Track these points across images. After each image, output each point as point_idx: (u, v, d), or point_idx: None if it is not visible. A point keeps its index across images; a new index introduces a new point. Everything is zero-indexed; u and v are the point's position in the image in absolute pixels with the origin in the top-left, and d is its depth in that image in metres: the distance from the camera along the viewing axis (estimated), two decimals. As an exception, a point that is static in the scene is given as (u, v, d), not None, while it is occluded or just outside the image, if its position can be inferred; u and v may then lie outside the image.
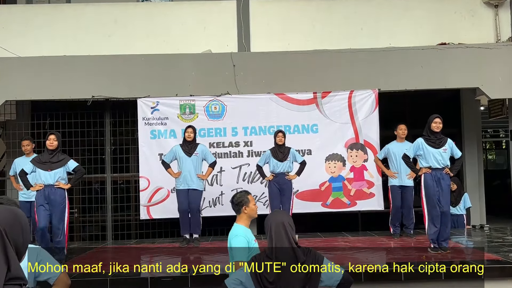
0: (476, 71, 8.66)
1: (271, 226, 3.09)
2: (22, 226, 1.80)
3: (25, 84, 8.51)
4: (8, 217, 1.76)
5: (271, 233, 3.06)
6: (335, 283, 3.07)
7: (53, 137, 6.65)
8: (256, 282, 3.02)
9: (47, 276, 2.91)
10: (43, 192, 6.55)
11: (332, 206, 8.74)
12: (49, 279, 2.90)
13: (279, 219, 3.11)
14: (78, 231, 9.61)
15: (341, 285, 3.08)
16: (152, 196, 8.64)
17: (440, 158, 6.46)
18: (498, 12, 9.20)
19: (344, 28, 9.25)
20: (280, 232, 3.04)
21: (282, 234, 3.04)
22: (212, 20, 9.27)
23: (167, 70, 8.67)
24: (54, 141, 6.63)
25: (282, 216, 3.17)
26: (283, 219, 3.11)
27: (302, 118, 8.75)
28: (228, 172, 8.74)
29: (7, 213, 1.77)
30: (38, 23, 9.15)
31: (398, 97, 9.36)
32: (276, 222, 3.09)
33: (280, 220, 3.10)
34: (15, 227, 1.76)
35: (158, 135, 8.68)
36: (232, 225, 4.21)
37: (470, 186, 10.00)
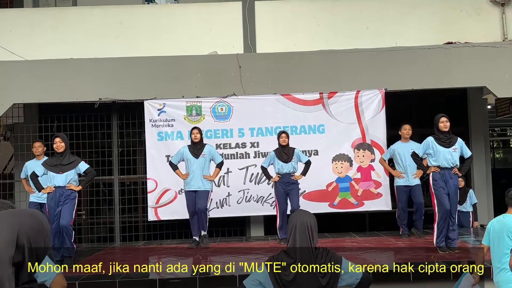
0: (483, 70, 8.62)
1: (296, 225, 3.08)
2: (45, 231, 1.78)
3: (33, 87, 8.56)
4: (33, 223, 1.75)
5: (295, 232, 3.06)
6: (356, 282, 3.08)
7: (59, 140, 6.67)
8: (275, 282, 3.03)
9: (45, 277, 2.86)
10: (55, 194, 6.58)
11: (339, 206, 8.74)
12: (46, 281, 2.88)
13: (305, 218, 3.11)
14: (86, 233, 9.66)
15: (361, 284, 3.09)
16: (159, 197, 8.67)
17: (450, 157, 6.45)
18: (505, 10, 9.16)
19: (350, 28, 9.24)
20: (304, 232, 3.04)
21: (306, 234, 3.03)
22: (217, 22, 9.29)
23: (173, 71, 8.69)
24: (60, 143, 6.64)
25: (307, 216, 3.16)
26: (308, 219, 3.10)
27: (308, 119, 8.75)
28: (235, 173, 8.75)
29: (30, 219, 1.75)
30: (44, 26, 9.20)
31: (405, 97, 9.34)
32: (301, 221, 3.09)
33: (305, 219, 3.10)
34: (39, 233, 1.75)
35: (165, 137, 8.71)
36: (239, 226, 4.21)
37: (477, 185, 9.97)
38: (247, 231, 9.33)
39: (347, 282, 3.09)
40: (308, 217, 3.13)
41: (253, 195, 8.71)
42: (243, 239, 8.59)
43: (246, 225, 9.34)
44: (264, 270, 3.09)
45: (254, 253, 7.09)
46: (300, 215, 3.19)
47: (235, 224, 9.31)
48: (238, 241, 8.31)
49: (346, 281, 3.08)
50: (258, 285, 3.09)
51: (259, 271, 3.12)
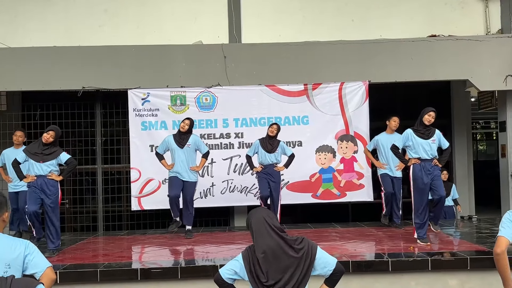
0: (465, 63, 8.71)
1: (251, 223, 3.16)
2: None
3: (16, 74, 8.48)
4: None
5: (253, 230, 3.13)
6: (328, 272, 3.13)
7: (53, 133, 6.59)
8: (249, 272, 3.08)
9: (34, 270, 2.94)
10: (36, 182, 6.55)
11: (322, 197, 8.81)
12: (36, 274, 2.93)
13: (258, 214, 3.18)
14: (70, 222, 9.63)
15: (333, 275, 3.14)
16: (143, 187, 8.67)
17: (428, 148, 6.53)
18: (488, 4, 9.26)
19: (335, 19, 9.28)
20: (261, 226, 3.10)
21: (263, 228, 3.09)
22: (203, 11, 9.26)
23: (158, 61, 8.65)
24: (51, 137, 6.59)
25: (260, 211, 3.23)
26: (262, 214, 3.17)
27: (293, 110, 8.78)
28: (219, 163, 8.77)
29: None
30: (28, 14, 9.12)
31: (389, 89, 9.40)
32: (255, 218, 3.17)
33: (259, 215, 3.17)
34: None
35: (149, 127, 8.69)
36: (223, 216, 4.24)
37: (459, 177, 10.09)
38: (230, 221, 9.37)
39: (319, 272, 3.14)
40: (262, 212, 3.21)
41: (237, 185, 8.74)
42: (226, 229, 8.62)
43: (230, 215, 9.38)
44: (240, 260, 3.13)
45: (236, 243, 7.14)
46: (253, 213, 3.26)
47: (219, 214, 9.35)
48: (221, 231, 8.34)
49: (319, 271, 3.13)
50: (233, 275, 3.15)
51: (235, 261, 3.16)
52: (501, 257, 2.94)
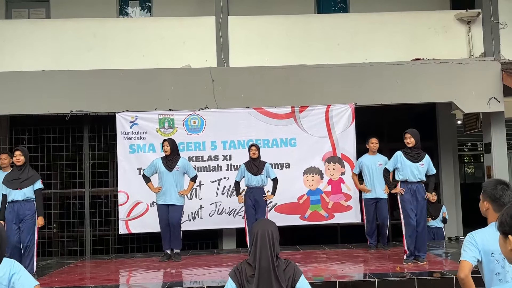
0: (449, 86, 8.86)
1: (258, 233, 3.14)
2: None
3: (4, 98, 8.51)
4: None
5: (257, 240, 3.11)
6: None
7: (19, 153, 6.65)
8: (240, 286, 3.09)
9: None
10: (13, 207, 6.54)
11: (310, 219, 8.82)
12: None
13: (266, 227, 3.16)
14: (57, 246, 9.54)
15: None
16: (131, 210, 8.63)
17: (417, 172, 6.61)
18: (471, 28, 9.45)
19: (321, 43, 9.42)
20: (265, 240, 3.09)
21: (267, 242, 3.09)
22: (191, 35, 9.37)
23: (146, 84, 8.72)
24: (20, 156, 6.62)
25: (269, 225, 3.21)
26: (270, 228, 3.15)
27: (280, 132, 8.85)
28: (207, 185, 8.77)
29: None
30: (17, 39, 9.17)
31: (375, 111, 9.51)
32: (262, 230, 3.15)
33: (266, 228, 3.15)
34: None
35: (137, 149, 8.70)
36: (211, 240, 4.23)
37: (447, 198, 10.17)
38: (219, 244, 9.33)
39: None
40: (270, 226, 3.18)
41: (225, 207, 8.74)
42: (215, 252, 8.59)
43: (218, 237, 9.34)
44: (230, 282, 3.13)
45: (224, 266, 7.11)
46: (261, 224, 3.24)
47: (207, 237, 9.32)
48: (209, 254, 8.30)
49: None
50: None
51: (227, 284, 3.16)
52: (465, 281, 2.95)
